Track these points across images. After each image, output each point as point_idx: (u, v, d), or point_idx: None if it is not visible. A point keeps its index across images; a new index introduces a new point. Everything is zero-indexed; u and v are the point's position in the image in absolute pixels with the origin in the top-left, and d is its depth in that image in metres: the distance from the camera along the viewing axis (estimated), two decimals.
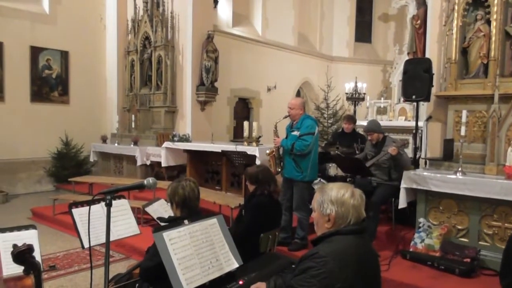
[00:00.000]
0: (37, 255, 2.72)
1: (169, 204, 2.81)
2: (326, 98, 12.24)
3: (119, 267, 4.69)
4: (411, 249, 4.42)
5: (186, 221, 2.38)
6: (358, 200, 1.84)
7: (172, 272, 2.12)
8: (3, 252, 2.76)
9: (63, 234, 6.00)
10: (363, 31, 14.35)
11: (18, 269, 2.69)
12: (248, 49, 11.13)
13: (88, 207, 3.22)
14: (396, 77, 10.96)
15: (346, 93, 11.87)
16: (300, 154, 4.65)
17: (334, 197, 1.84)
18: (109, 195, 1.75)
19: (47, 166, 9.39)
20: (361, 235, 1.84)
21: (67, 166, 9.43)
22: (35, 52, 9.11)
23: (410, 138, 7.97)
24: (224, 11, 10.98)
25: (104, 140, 9.67)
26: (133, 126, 9.33)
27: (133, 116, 9.36)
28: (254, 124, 6.49)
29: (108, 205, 1.75)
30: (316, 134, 4.73)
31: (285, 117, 4.97)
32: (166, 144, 7.71)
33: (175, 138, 7.69)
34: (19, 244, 2.06)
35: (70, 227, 6.08)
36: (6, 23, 8.60)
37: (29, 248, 1.85)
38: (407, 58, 8.56)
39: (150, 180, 1.84)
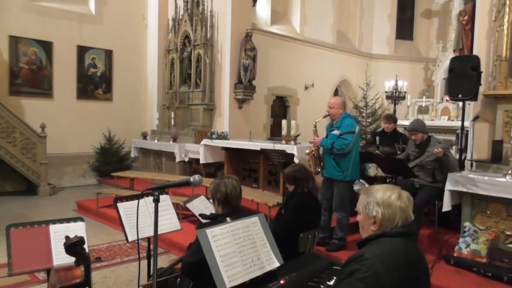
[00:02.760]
0: (85, 247, 2.85)
1: (210, 200, 2.84)
2: (365, 97, 11.98)
3: (159, 261, 4.81)
4: (455, 254, 4.26)
5: (228, 219, 2.39)
6: (405, 202, 1.79)
7: (215, 269, 2.14)
8: (54, 243, 2.90)
9: (106, 227, 6.21)
10: (404, 28, 13.93)
11: (68, 260, 2.82)
12: (286, 47, 11.08)
13: (132, 202, 3.34)
14: (440, 75, 10.59)
15: (386, 92, 11.58)
16: (340, 154, 4.59)
17: (380, 199, 1.80)
18: (157, 191, 1.79)
19: (91, 160, 9.79)
20: (409, 238, 1.79)
21: (109, 161, 9.78)
22: (82, 51, 9.50)
23: (453, 139, 7.68)
24: (263, 9, 10.99)
25: (144, 136, 9.94)
26: (172, 123, 9.53)
27: (172, 113, 9.55)
28: (293, 122, 6.47)
29: (156, 201, 1.80)
30: (356, 133, 4.65)
31: (325, 116, 4.92)
32: (205, 141, 7.82)
33: (214, 136, 7.78)
34: (70, 236, 2.15)
35: (113, 220, 6.31)
36: (56, 24, 9.02)
37: (81, 240, 1.93)
38: (452, 55, 8.25)
39: (197, 177, 1.87)
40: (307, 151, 5.07)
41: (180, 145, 8.74)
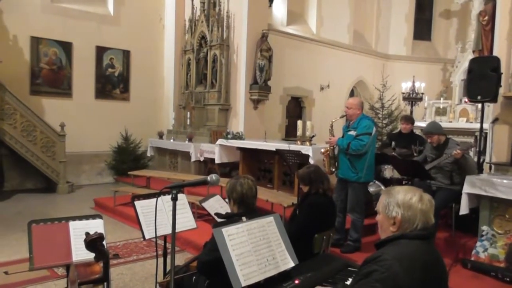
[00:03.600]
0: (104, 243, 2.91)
1: (226, 200, 2.86)
2: (381, 98, 11.87)
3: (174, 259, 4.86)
4: (472, 258, 4.20)
5: (244, 218, 2.41)
6: (426, 205, 1.78)
7: (230, 267, 2.16)
8: (73, 239, 2.97)
9: (123, 225, 6.31)
10: (422, 28, 13.76)
11: (86, 256, 2.88)
12: (302, 48, 11.07)
13: (149, 200, 3.38)
14: (458, 76, 10.42)
15: (403, 93, 11.47)
16: (355, 154, 4.57)
17: (401, 200, 1.79)
18: (175, 190, 1.82)
19: (108, 159, 9.94)
20: (428, 241, 1.78)
21: (126, 160, 9.92)
22: (100, 51, 9.67)
23: (471, 141, 7.55)
24: (279, 10, 11.00)
25: (160, 136, 10.05)
26: (188, 123, 9.61)
27: (188, 113, 9.64)
28: (308, 123, 6.45)
29: (174, 199, 1.83)
30: (373, 134, 4.63)
31: (342, 116, 4.91)
32: (220, 141, 7.86)
33: (229, 136, 7.82)
34: (90, 232, 2.20)
35: (129, 218, 6.40)
36: (76, 24, 9.20)
37: (100, 237, 1.98)
38: (471, 56, 8.12)
39: (214, 176, 1.90)
40: (322, 150, 5.07)
41: (196, 145, 8.80)
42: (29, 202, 7.66)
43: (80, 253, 2.91)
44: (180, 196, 3.54)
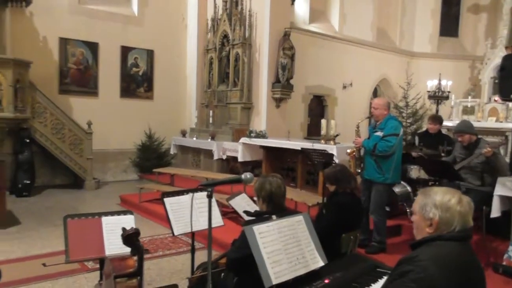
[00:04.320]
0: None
1: (254, 198, 2.89)
2: (405, 97, 11.70)
3: (199, 256, 4.93)
4: (504, 263, 4.10)
5: (274, 217, 2.43)
6: (465, 207, 1.75)
7: (261, 265, 2.18)
8: (106, 234, 3.06)
9: (148, 221, 6.42)
10: (449, 24, 13.47)
11: (118, 250, 2.96)
12: (324, 46, 11.01)
13: (178, 197, 3.45)
14: (487, 74, 10.17)
15: (428, 91, 11.28)
16: (382, 156, 4.52)
17: (439, 202, 1.76)
18: (210, 188, 1.86)
19: (132, 157, 10.13)
20: (465, 242, 1.76)
21: (150, 157, 10.08)
22: (125, 51, 9.85)
23: (502, 139, 7.36)
24: (301, 8, 10.96)
25: (183, 134, 10.17)
26: (210, 121, 9.69)
27: (210, 111, 9.72)
28: (332, 122, 6.42)
29: (209, 197, 1.86)
30: (400, 135, 4.57)
31: (368, 117, 4.88)
32: (243, 139, 7.90)
33: (252, 134, 7.85)
34: (123, 228, 2.27)
35: (154, 214, 6.53)
36: (102, 25, 9.40)
37: (136, 232, 2.03)
38: (502, 53, 7.90)
39: (248, 175, 1.92)
40: (348, 151, 5.04)
41: (218, 143, 8.87)
42: (58, 198, 7.89)
43: (113, 248, 3.00)
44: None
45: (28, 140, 8.07)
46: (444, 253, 1.68)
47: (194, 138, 9.71)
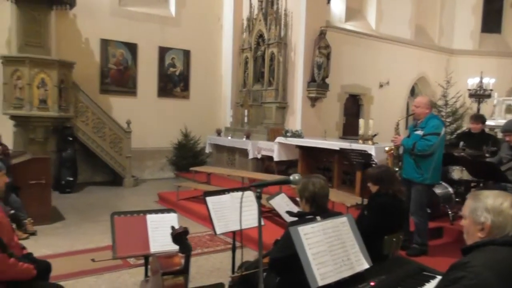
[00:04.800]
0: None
1: (297, 198, 2.89)
2: (444, 95, 11.35)
3: (237, 255, 4.99)
4: None
5: (318, 218, 2.43)
6: None
7: (307, 266, 2.18)
8: (150, 231, 3.14)
9: (186, 219, 6.52)
10: (491, 20, 12.95)
11: (162, 247, 3.05)
12: (360, 44, 10.84)
13: (219, 196, 3.49)
14: None
15: (469, 90, 10.90)
16: (421, 155, 4.42)
17: (491, 205, 1.71)
18: (260, 188, 1.88)
19: (169, 155, 10.35)
20: None
21: (185, 156, 10.26)
22: (163, 52, 10.07)
23: None
24: (337, 6, 10.83)
25: (218, 133, 10.29)
26: (245, 120, 9.75)
27: (245, 111, 9.78)
28: (370, 122, 6.32)
29: (258, 198, 1.88)
30: (442, 135, 4.45)
31: (410, 115, 4.79)
32: (279, 139, 7.91)
33: (288, 134, 7.85)
34: (172, 227, 2.32)
35: (192, 212, 6.64)
36: (140, 26, 9.65)
37: (185, 231, 2.08)
38: None
39: (296, 176, 1.93)
40: (386, 148, 4.96)
41: (253, 142, 8.92)
42: (99, 194, 8.17)
43: (157, 245, 3.08)
44: (247, 193, 3.64)
45: (71, 138, 8.40)
46: (498, 259, 1.63)
47: (229, 137, 9.80)
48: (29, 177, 5.77)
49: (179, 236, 2.07)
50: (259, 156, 8.87)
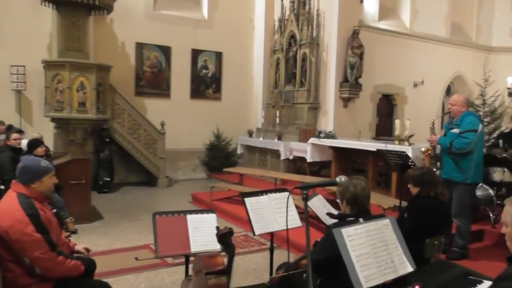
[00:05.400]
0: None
1: (338, 200, 2.87)
2: (482, 94, 10.96)
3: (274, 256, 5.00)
4: None
5: (361, 220, 2.41)
6: None
7: (351, 268, 2.16)
8: (191, 231, 3.20)
9: (220, 220, 6.52)
10: None
11: (202, 247, 3.10)
12: (394, 43, 10.64)
13: (257, 197, 3.51)
14: None
15: (508, 88, 10.49)
16: (460, 153, 4.33)
17: None
18: (305, 190, 1.88)
19: (201, 156, 10.49)
20: None
21: (217, 157, 10.38)
22: (195, 54, 10.24)
23: None
24: (371, 5, 10.67)
25: (250, 134, 10.34)
26: (277, 121, 9.75)
27: (277, 112, 9.78)
28: (407, 122, 6.19)
29: (305, 199, 1.88)
30: (479, 131, 4.35)
31: (446, 113, 4.70)
32: (312, 140, 7.87)
33: (321, 135, 7.80)
34: (217, 227, 2.36)
35: (225, 212, 6.70)
36: (174, 29, 9.85)
37: (230, 232, 2.11)
38: None
39: (342, 178, 1.92)
40: (422, 149, 4.88)
41: (285, 143, 8.91)
42: (134, 194, 8.37)
43: (197, 245, 3.13)
44: (285, 194, 3.64)
45: (108, 140, 8.66)
46: None
47: (261, 138, 9.83)
48: (70, 177, 5.98)
49: (224, 237, 2.11)
50: (291, 157, 8.85)
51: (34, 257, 2.41)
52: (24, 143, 5.89)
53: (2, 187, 5.04)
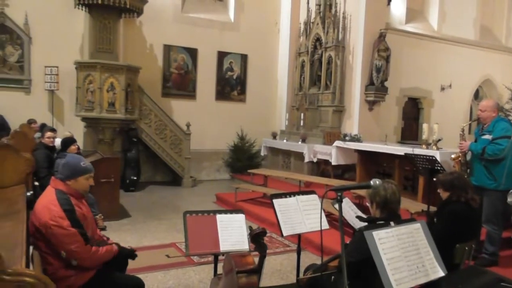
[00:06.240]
0: (245, 236, 3.14)
1: (367, 203, 2.88)
2: None
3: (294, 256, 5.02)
4: None
5: (392, 223, 2.42)
6: None
7: (382, 271, 2.18)
8: (220, 230, 3.26)
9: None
10: None
11: (231, 247, 3.15)
12: (421, 46, 10.51)
13: (286, 199, 3.54)
14: None
15: None
16: (492, 160, 4.27)
17: None
18: (340, 192, 1.91)
19: (225, 157, 10.59)
20: None
21: (241, 158, 10.46)
22: (221, 56, 10.37)
23: None
24: (398, 8, 10.56)
25: (274, 136, 10.38)
26: (301, 124, 9.76)
27: (301, 114, 9.79)
28: (435, 126, 6.11)
29: (339, 201, 1.91)
30: None
31: (474, 120, 4.64)
32: (337, 143, 7.84)
33: (347, 138, 7.77)
34: (249, 227, 2.41)
35: (249, 213, 6.70)
36: (201, 32, 10.01)
37: (263, 232, 2.16)
38: None
39: (377, 181, 1.94)
40: (452, 156, 4.82)
41: (309, 146, 8.90)
42: (160, 193, 8.53)
43: (226, 244, 3.19)
44: (313, 196, 3.67)
45: (135, 139, 8.85)
46: None
47: (285, 140, 9.85)
48: (100, 175, 6.11)
49: (257, 236, 2.16)
50: (315, 160, 8.84)
51: (69, 250, 2.52)
52: (58, 141, 6.11)
53: (37, 183, 5.23)
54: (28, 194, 3.02)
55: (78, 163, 2.81)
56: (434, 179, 4.47)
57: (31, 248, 2.58)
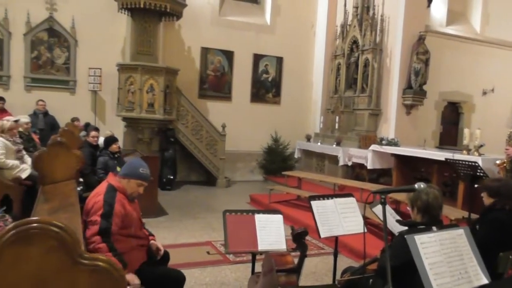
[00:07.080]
0: (282, 237, 3.19)
1: (408, 207, 2.86)
2: None
3: (330, 260, 5.01)
4: None
5: (434, 228, 2.40)
6: None
7: (424, 276, 2.17)
8: (258, 230, 3.32)
9: None
10: None
11: (269, 246, 3.20)
12: (462, 49, 10.21)
13: (323, 201, 3.56)
14: None
15: None
16: None
17: None
18: (383, 195, 1.93)
19: (259, 158, 10.67)
20: None
21: (275, 160, 10.51)
22: (257, 58, 10.48)
23: None
24: (438, 10, 10.32)
25: (308, 139, 10.37)
26: (336, 127, 9.69)
27: (336, 117, 9.72)
28: (477, 131, 5.94)
29: (383, 204, 1.93)
30: None
31: None
32: (373, 147, 7.76)
33: (383, 142, 7.66)
34: (291, 227, 2.46)
35: (283, 215, 6.77)
36: (237, 35, 10.15)
37: (305, 232, 2.20)
38: None
39: (422, 185, 1.95)
40: (497, 162, 4.68)
41: (344, 149, 8.84)
42: (195, 193, 8.71)
43: (264, 243, 3.24)
44: (350, 199, 3.67)
45: (172, 139, 9.08)
46: None
47: (319, 143, 9.82)
48: None
49: (298, 236, 2.20)
50: (349, 163, 8.77)
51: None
52: (100, 140, 6.37)
53: (82, 180, 5.49)
54: (78, 189, 3.19)
55: (138, 167, 2.95)
56: (476, 185, 4.38)
57: None
